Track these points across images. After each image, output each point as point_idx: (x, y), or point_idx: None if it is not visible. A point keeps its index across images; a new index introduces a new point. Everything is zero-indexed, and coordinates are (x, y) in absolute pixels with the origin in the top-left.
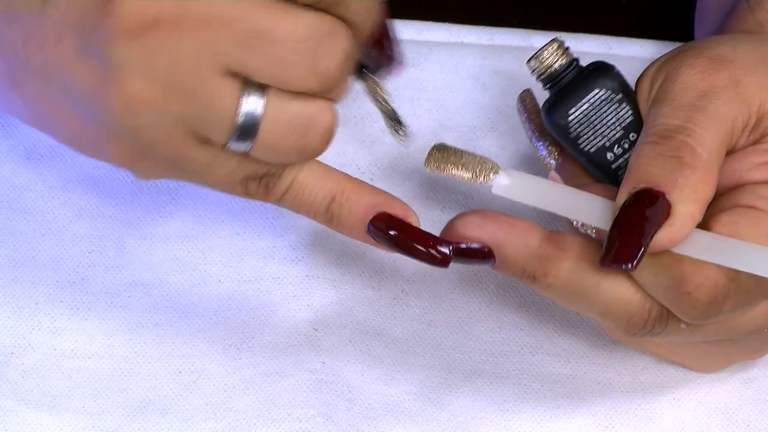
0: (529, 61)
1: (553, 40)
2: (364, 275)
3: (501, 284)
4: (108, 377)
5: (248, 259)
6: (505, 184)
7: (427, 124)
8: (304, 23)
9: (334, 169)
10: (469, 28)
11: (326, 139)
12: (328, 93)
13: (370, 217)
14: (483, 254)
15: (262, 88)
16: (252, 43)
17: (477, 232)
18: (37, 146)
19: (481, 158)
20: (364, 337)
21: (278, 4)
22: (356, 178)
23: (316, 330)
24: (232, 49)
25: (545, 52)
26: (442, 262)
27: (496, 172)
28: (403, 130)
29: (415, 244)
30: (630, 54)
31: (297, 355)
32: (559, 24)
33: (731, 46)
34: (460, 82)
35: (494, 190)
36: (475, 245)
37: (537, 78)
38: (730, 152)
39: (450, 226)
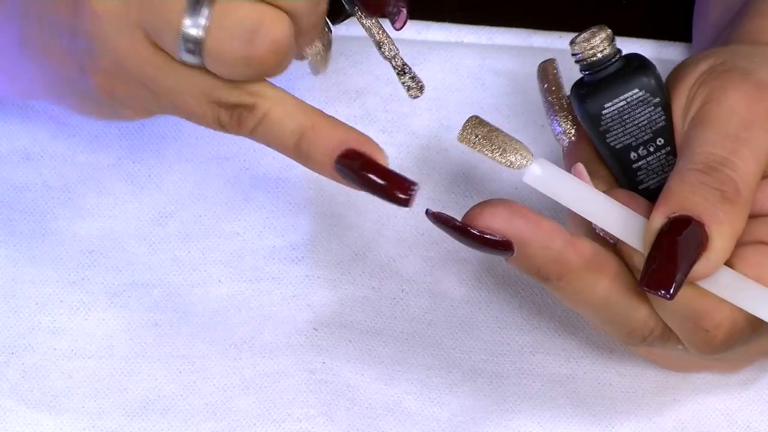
0: (573, 43)
1: (602, 28)
2: (364, 275)
3: (501, 284)
4: (108, 377)
5: (248, 259)
6: (538, 174)
7: (427, 124)
8: None
9: (309, 105)
10: (469, 28)
11: (273, 51)
12: None
13: (338, 153)
14: (504, 246)
15: None
16: None
17: (503, 225)
18: (36, 146)
19: (516, 141)
20: (364, 337)
21: None
22: (330, 115)
23: (316, 330)
24: None
25: (595, 38)
26: (405, 202)
27: (529, 160)
28: (411, 82)
29: (379, 182)
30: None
31: (297, 355)
32: (560, 24)
33: None
34: (460, 81)
35: (525, 179)
36: (497, 237)
37: (577, 61)
38: None
39: (477, 213)
